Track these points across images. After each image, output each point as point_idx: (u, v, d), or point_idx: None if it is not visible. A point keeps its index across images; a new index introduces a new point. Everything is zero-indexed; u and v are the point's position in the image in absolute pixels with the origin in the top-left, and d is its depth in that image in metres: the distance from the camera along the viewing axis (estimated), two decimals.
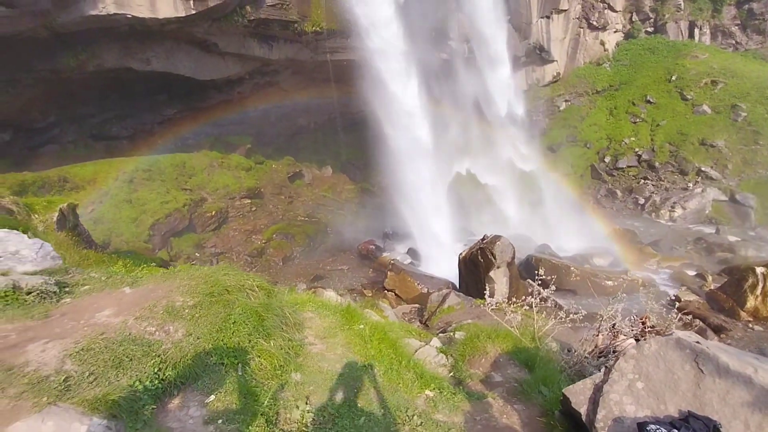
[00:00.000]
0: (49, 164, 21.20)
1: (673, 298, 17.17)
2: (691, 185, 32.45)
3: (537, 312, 5.34)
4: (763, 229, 27.35)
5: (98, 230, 17.89)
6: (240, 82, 27.04)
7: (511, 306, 5.17)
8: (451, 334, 5.67)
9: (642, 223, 30.68)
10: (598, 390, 2.43)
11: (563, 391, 2.60)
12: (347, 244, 26.22)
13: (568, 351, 4.84)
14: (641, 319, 6.38)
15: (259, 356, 2.91)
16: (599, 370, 4.73)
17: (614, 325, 6.47)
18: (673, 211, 31.25)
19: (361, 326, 4.06)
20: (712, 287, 17.30)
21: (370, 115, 25.49)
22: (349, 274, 21.51)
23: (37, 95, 21.07)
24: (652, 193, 33.24)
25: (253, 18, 21.78)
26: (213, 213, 22.93)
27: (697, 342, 2.32)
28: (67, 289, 3.21)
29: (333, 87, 29.41)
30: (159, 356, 2.60)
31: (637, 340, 6.94)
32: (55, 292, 3.09)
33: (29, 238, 3.73)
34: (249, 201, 25.99)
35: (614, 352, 5.22)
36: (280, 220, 26.65)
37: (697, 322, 14.31)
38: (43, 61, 19.39)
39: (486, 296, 5.29)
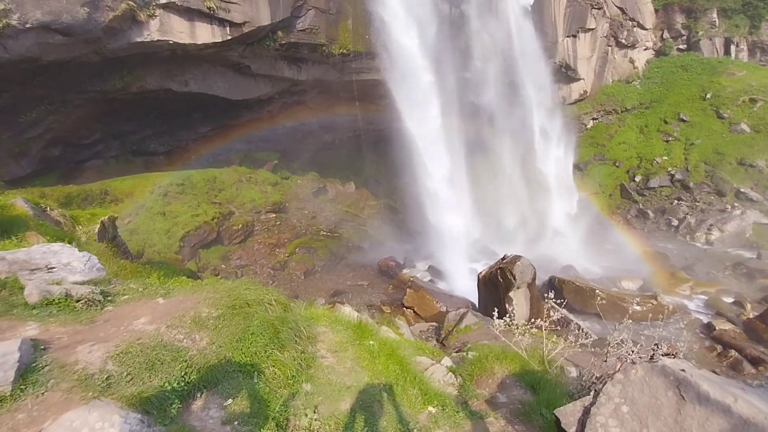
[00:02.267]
0: (92, 178, 22.82)
1: (707, 325, 16.36)
2: (729, 207, 30.98)
3: (547, 334, 5.38)
4: None
5: (133, 241, 19.00)
6: (270, 101, 28.34)
7: (520, 328, 5.24)
8: (464, 354, 5.77)
9: (675, 245, 29.41)
10: (586, 412, 2.55)
11: (554, 412, 2.72)
12: (368, 260, 26.51)
13: (577, 380, 4.85)
14: (666, 346, 6.24)
15: (274, 366, 3.17)
16: None
17: (630, 350, 6.39)
18: (710, 233, 29.82)
19: (371, 342, 4.24)
20: (751, 315, 16.37)
21: (393, 134, 26.12)
22: (369, 289, 21.71)
23: (86, 114, 22.86)
24: (687, 214, 31.89)
25: (284, 42, 22.99)
26: (240, 226, 23.88)
27: (682, 370, 2.42)
28: (109, 298, 3.63)
29: (357, 105, 30.31)
30: (186, 361, 2.92)
31: None
32: (99, 301, 3.51)
33: (79, 251, 4.21)
34: (274, 215, 26.86)
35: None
36: (303, 234, 27.32)
37: (732, 352, 13.58)
38: (92, 83, 21.10)
39: (494, 317, 5.37)
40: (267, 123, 31.24)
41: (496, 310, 5.45)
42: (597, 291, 17.90)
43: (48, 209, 10.68)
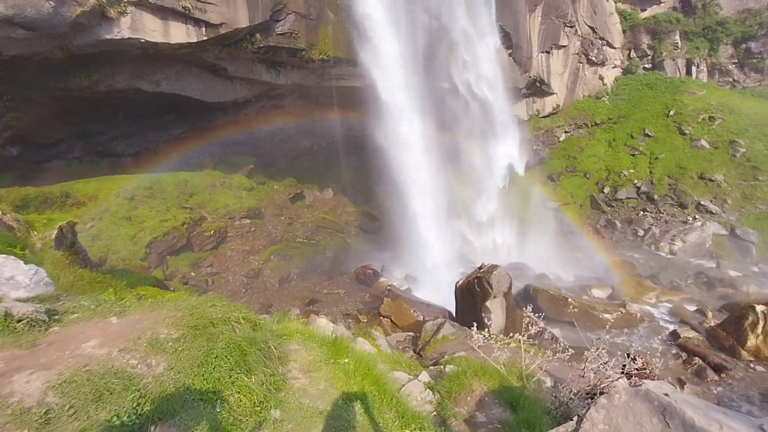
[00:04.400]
0: (52, 180, 21.53)
1: (673, 333, 16.97)
2: (690, 219, 32.57)
3: (525, 348, 5.34)
4: (765, 265, 27.24)
5: (96, 247, 17.99)
6: (246, 104, 27.76)
7: (499, 342, 5.17)
8: (442, 367, 5.64)
9: (641, 255, 30.60)
10: None
11: None
12: (345, 268, 26.20)
13: (554, 395, 4.80)
14: (641, 359, 6.34)
15: (239, 392, 2.90)
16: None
17: (605, 364, 6.44)
18: (673, 244, 31.19)
19: (346, 360, 3.99)
20: (713, 324, 17.11)
21: (372, 141, 26.07)
22: (346, 298, 21.39)
23: (48, 113, 21.63)
24: (652, 225, 33.31)
25: (262, 45, 22.58)
26: (212, 232, 23.07)
27: (666, 394, 2.36)
28: (56, 317, 3.27)
29: (337, 111, 30.15)
30: (139, 390, 2.62)
31: (629, 378, 6.88)
32: (44, 321, 3.16)
33: (25, 263, 3.82)
34: (249, 221, 26.17)
35: (601, 393, 5.15)
36: (279, 241, 26.74)
37: (697, 360, 14.11)
38: (56, 81, 20.01)
39: (473, 332, 5.28)
40: (243, 126, 30.56)
41: (475, 325, 5.35)
42: (570, 300, 18.31)
43: (0, 213, 9.91)
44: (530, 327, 5.20)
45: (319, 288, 22.88)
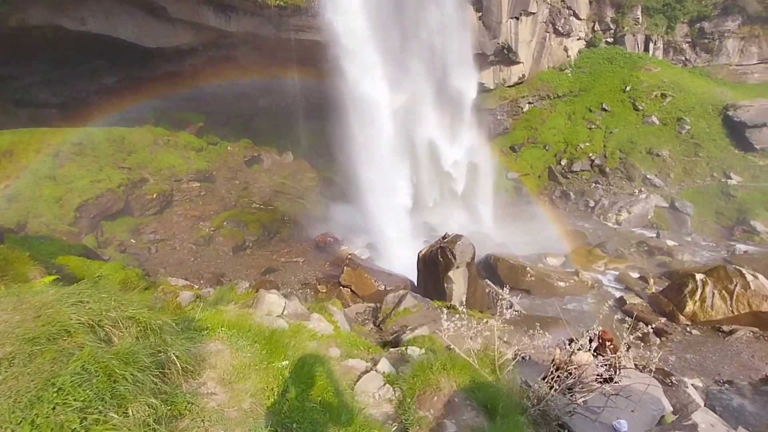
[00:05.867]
0: None
1: (620, 299, 17.90)
2: (636, 191, 34.31)
3: (499, 336, 4.86)
4: (698, 236, 29.45)
5: (12, 210, 15.63)
6: (192, 53, 24.82)
7: (471, 330, 4.59)
8: (404, 349, 5.08)
9: (591, 224, 32.03)
10: None
11: None
12: (304, 235, 25.18)
13: (527, 384, 4.41)
14: (600, 333, 6.19)
15: None
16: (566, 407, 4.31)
17: (571, 341, 6.22)
18: (620, 214, 32.85)
19: (284, 363, 3.20)
20: (654, 290, 18.18)
21: (334, 103, 24.37)
22: (305, 267, 20.55)
23: None
24: (602, 197, 34.80)
25: None
26: (154, 196, 20.91)
27: None
28: None
29: (296, 69, 27.88)
30: None
31: (595, 356, 6.78)
32: None
33: None
34: (198, 184, 24.08)
35: (571, 373, 4.88)
36: (233, 206, 25.00)
37: (641, 325, 14.91)
38: None
39: (442, 319, 4.66)
40: (190, 79, 27.55)
41: (445, 312, 4.73)
42: (528, 268, 18.66)
43: None
44: (506, 311, 4.70)
45: (277, 256, 21.82)
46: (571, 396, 4.26)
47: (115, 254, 16.01)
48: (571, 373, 4.52)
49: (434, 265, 13.82)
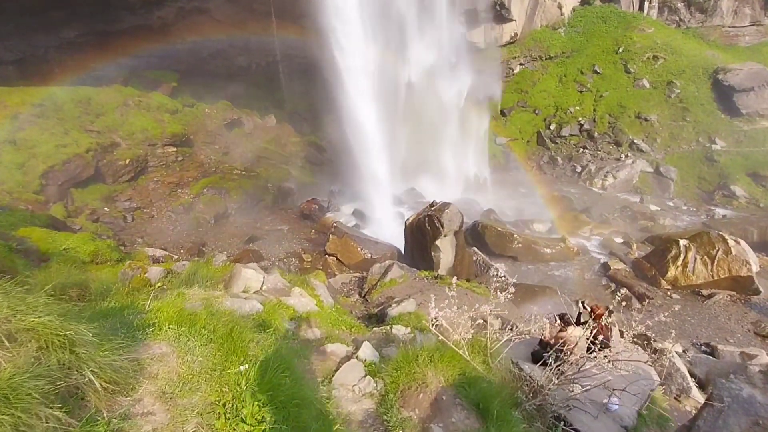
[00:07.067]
0: None
1: (604, 265, 18.15)
2: (623, 156, 34.28)
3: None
4: (680, 200, 29.91)
5: None
6: (160, 4, 22.76)
7: (462, 318, 4.24)
8: (388, 328, 4.81)
9: (577, 190, 32.11)
10: None
11: None
12: (289, 202, 24.54)
13: (519, 368, 4.18)
14: (593, 308, 6.06)
15: None
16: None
17: (563, 315, 6.09)
18: (606, 180, 32.96)
19: (243, 368, 2.64)
20: (637, 255, 18.46)
21: (318, 63, 22.87)
22: (289, 235, 20.10)
23: None
24: (589, 162, 34.72)
25: None
26: (127, 161, 19.74)
27: None
28: None
29: (275, 24, 25.98)
30: None
31: (581, 325, 6.68)
32: None
33: None
34: (174, 149, 22.85)
35: (560, 349, 4.70)
36: (213, 172, 23.99)
37: (624, 290, 15.21)
38: None
39: (430, 316, 4.25)
40: (160, 35, 25.45)
41: (433, 298, 4.37)
42: (515, 236, 18.64)
43: None
44: (500, 293, 4.37)
45: (260, 224, 21.26)
46: (571, 390, 4.06)
47: (87, 224, 15.20)
48: (562, 351, 4.35)
49: (422, 234, 13.56)
